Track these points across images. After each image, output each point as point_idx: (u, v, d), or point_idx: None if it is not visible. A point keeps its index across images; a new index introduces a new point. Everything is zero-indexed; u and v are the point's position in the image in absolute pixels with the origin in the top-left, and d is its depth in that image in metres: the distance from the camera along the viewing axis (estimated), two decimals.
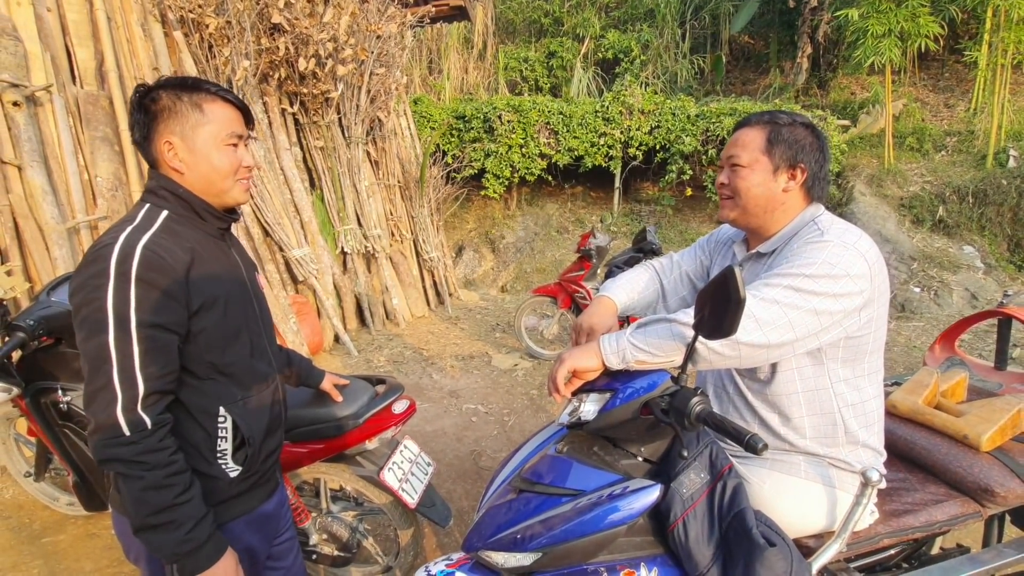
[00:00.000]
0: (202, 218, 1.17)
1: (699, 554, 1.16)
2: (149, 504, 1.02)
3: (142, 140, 1.13)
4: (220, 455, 1.17)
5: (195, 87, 1.13)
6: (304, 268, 4.57)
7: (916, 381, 1.59)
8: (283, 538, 1.43)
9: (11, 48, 2.99)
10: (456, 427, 3.54)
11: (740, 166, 1.29)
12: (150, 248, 1.03)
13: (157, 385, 1.03)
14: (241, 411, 1.18)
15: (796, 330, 1.12)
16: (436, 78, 10.66)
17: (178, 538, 1.04)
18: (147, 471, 1.01)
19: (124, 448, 1.00)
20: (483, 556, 1.29)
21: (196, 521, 1.06)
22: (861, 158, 7.99)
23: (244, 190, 1.21)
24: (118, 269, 1.00)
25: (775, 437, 1.32)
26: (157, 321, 1.02)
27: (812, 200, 1.30)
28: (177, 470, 1.05)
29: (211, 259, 1.15)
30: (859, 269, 1.13)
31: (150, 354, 1.01)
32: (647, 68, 10.26)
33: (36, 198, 3.01)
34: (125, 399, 0.99)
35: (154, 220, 1.10)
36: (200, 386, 1.13)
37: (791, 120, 1.27)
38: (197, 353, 1.11)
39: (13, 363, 1.94)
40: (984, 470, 1.31)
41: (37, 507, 2.51)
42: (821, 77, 9.58)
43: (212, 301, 1.12)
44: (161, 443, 1.03)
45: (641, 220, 8.47)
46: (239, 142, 1.17)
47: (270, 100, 4.64)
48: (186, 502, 1.05)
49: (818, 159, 1.26)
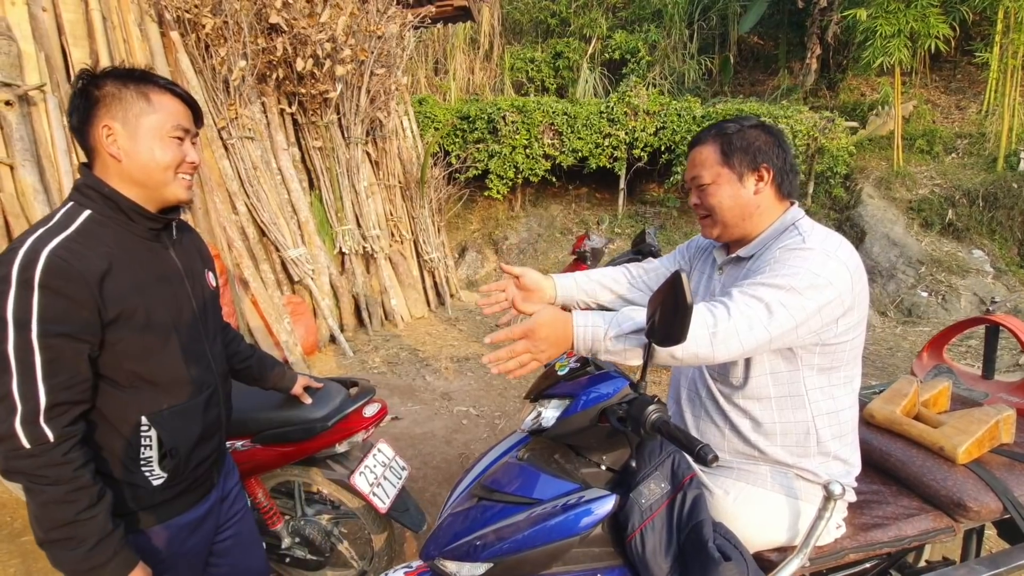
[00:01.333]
0: (130, 218, 1.11)
1: (656, 566, 1.13)
2: (50, 519, 0.99)
3: (79, 126, 1.08)
4: (144, 463, 1.12)
5: (143, 78, 1.10)
6: (300, 268, 4.58)
7: (895, 390, 1.54)
8: (225, 535, 1.39)
9: (4, 48, 3.01)
10: (446, 429, 3.51)
11: (705, 185, 1.29)
12: (57, 254, 0.97)
13: (63, 396, 0.98)
14: (166, 420, 1.13)
15: (772, 337, 1.10)
16: (442, 78, 10.67)
17: (79, 555, 1.00)
18: (47, 485, 0.97)
19: (25, 461, 0.96)
20: (438, 565, 1.27)
21: (99, 539, 1.01)
22: (870, 160, 7.86)
23: (185, 187, 1.16)
24: (20, 276, 0.94)
25: (745, 443, 1.28)
26: (62, 331, 0.97)
27: (784, 195, 1.29)
28: (81, 485, 0.99)
29: (135, 264, 1.09)
30: (839, 277, 1.12)
31: (54, 364, 0.97)
32: (654, 69, 10.18)
33: (27, 197, 3.03)
34: (25, 411, 0.95)
35: (72, 221, 1.04)
36: (120, 395, 1.08)
37: (739, 126, 1.27)
38: (114, 362, 1.06)
39: None
40: (958, 484, 1.26)
41: (19, 505, 2.53)
42: (830, 78, 9.45)
43: (132, 311, 1.06)
44: (65, 457, 0.98)
45: (645, 222, 8.40)
46: (185, 136, 1.14)
47: (268, 100, 4.65)
48: (89, 519, 1.00)
49: (778, 154, 1.26)
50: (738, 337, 1.08)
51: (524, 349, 1.10)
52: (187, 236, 1.31)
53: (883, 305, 6.44)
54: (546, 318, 1.10)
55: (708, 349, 1.08)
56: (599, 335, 1.10)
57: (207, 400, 1.24)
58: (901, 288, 6.36)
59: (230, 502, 1.42)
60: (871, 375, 4.48)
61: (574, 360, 1.35)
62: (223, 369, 1.35)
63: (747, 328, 1.08)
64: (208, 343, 1.27)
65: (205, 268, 1.33)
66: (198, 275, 1.28)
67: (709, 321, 1.08)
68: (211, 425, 1.26)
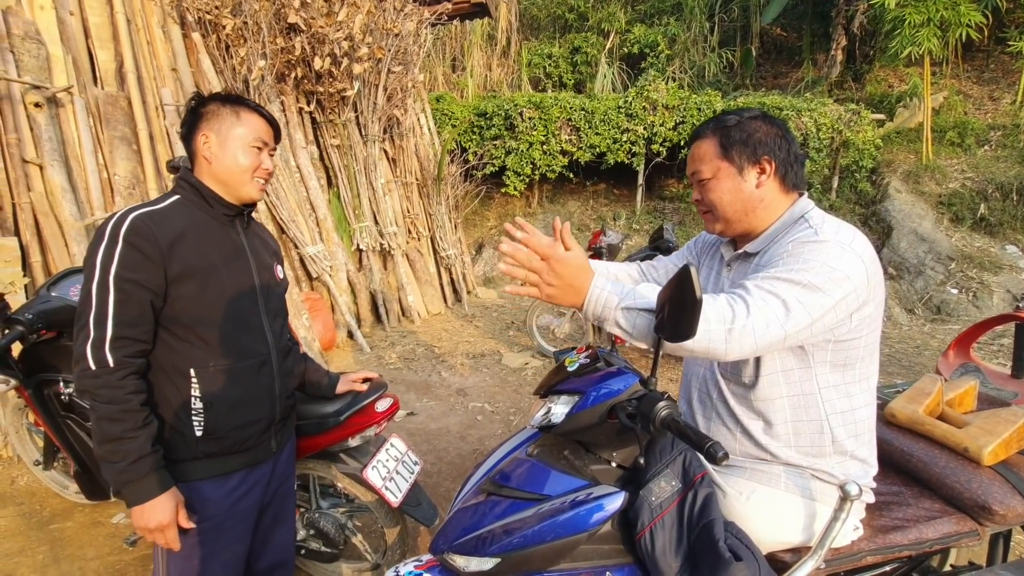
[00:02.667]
0: (209, 204, 1.34)
1: (665, 565, 1.11)
2: (102, 433, 1.17)
3: (187, 135, 1.34)
4: (195, 413, 1.29)
5: (238, 101, 1.36)
6: (318, 265, 4.63)
7: (918, 389, 1.49)
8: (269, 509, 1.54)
9: (33, 51, 3.10)
10: (461, 425, 3.52)
11: (705, 179, 1.25)
12: (140, 218, 1.21)
13: (126, 332, 1.18)
14: (208, 377, 1.29)
15: (788, 333, 1.06)
16: (460, 75, 10.68)
17: (120, 468, 1.18)
18: (103, 403, 1.16)
19: (89, 380, 1.16)
20: (447, 559, 1.27)
21: (138, 456, 1.19)
22: (897, 154, 7.65)
23: (259, 189, 1.38)
24: (111, 232, 1.18)
25: (756, 446, 1.25)
26: (133, 278, 1.17)
27: (789, 189, 1.24)
28: (130, 408, 1.18)
29: (204, 238, 1.30)
30: (855, 270, 1.08)
31: (123, 304, 1.17)
32: (673, 63, 10.05)
33: (56, 196, 3.12)
34: (95, 338, 1.15)
35: (164, 201, 1.30)
36: (176, 346, 1.26)
37: (739, 118, 1.23)
38: (173, 315, 1.24)
39: (13, 355, 2.01)
40: (983, 486, 1.21)
41: (48, 495, 2.61)
42: (856, 70, 9.21)
43: (191, 272, 1.25)
44: (121, 382, 1.17)
45: (664, 218, 8.31)
46: (264, 148, 1.37)
47: (287, 99, 4.71)
48: (132, 438, 1.18)
49: (781, 145, 1.21)
50: (754, 335, 1.04)
51: (538, 269, 1.03)
52: (259, 228, 1.54)
53: (911, 302, 6.27)
54: (573, 260, 1.04)
55: (722, 345, 1.04)
56: (612, 303, 1.06)
57: (257, 368, 1.39)
58: (930, 285, 6.18)
59: (281, 478, 1.56)
60: (897, 374, 4.36)
61: (584, 356, 1.34)
62: (282, 346, 1.48)
63: (764, 326, 1.05)
64: (268, 320, 1.43)
65: (275, 262, 1.52)
66: (266, 263, 1.47)
67: (727, 316, 1.04)
68: (260, 392, 1.40)
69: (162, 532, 1.23)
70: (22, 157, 3.05)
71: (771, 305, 1.06)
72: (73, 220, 3.16)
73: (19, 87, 3.06)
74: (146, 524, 1.21)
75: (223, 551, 1.39)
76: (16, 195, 3.03)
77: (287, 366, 1.51)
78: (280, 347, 1.47)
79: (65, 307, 2.00)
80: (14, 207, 3.04)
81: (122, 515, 2.19)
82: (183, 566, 1.34)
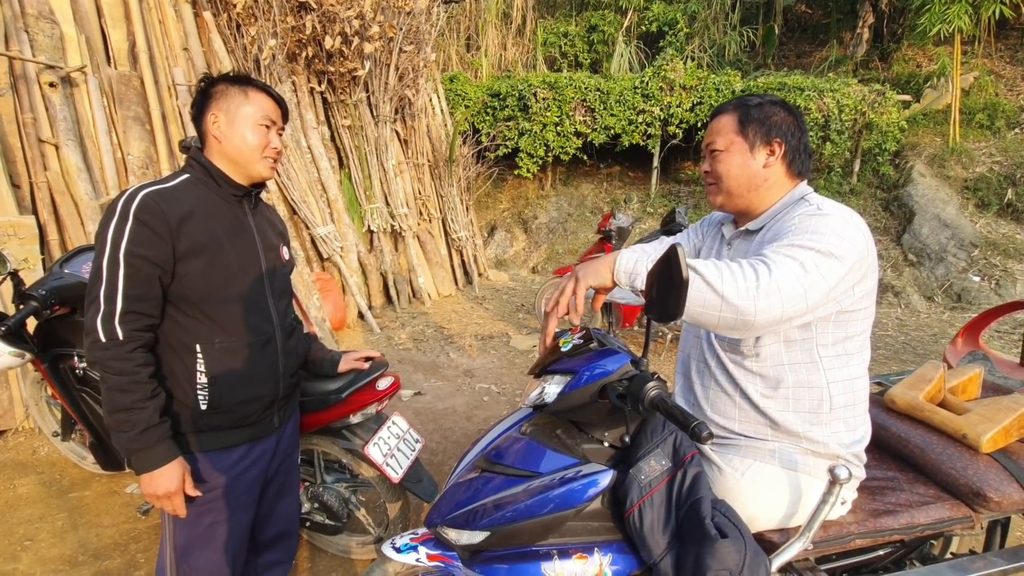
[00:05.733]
0: (217, 183, 1.37)
1: (653, 542, 1.13)
2: (112, 403, 1.21)
3: (197, 115, 1.37)
4: (200, 387, 1.33)
5: (246, 81, 1.38)
6: (329, 246, 4.67)
7: (919, 375, 1.47)
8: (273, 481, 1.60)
9: (48, 31, 3.13)
10: (467, 406, 3.56)
11: (718, 151, 1.31)
12: (151, 196, 1.23)
13: (135, 306, 1.21)
14: (213, 353, 1.33)
15: (808, 300, 1.06)
16: (474, 55, 10.55)
17: (129, 437, 1.22)
18: (113, 375, 1.20)
19: (99, 352, 1.19)
20: (440, 532, 1.31)
21: (147, 426, 1.23)
22: (923, 136, 7.42)
23: (269, 168, 1.40)
24: (122, 209, 1.21)
25: (756, 411, 1.26)
26: (142, 253, 1.20)
27: (794, 174, 1.30)
28: (139, 380, 1.22)
29: (212, 217, 1.33)
30: (859, 242, 1.12)
31: (133, 279, 1.20)
32: (693, 41, 9.81)
33: (71, 175, 3.17)
34: (105, 311, 1.19)
35: (174, 179, 1.32)
36: (183, 322, 1.30)
37: (761, 100, 1.30)
38: (181, 291, 1.28)
39: (28, 330, 2.07)
40: (979, 472, 1.19)
41: (67, 464, 2.70)
42: (883, 49, 8.90)
43: (199, 250, 1.27)
44: (130, 354, 1.21)
45: (679, 201, 8.19)
46: (272, 127, 1.39)
47: (298, 79, 4.71)
48: (141, 409, 1.22)
49: (794, 133, 1.27)
50: (780, 293, 1.03)
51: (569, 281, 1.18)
52: (266, 209, 1.56)
53: (930, 290, 6.13)
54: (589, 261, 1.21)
55: (750, 303, 1.01)
56: (642, 258, 1.15)
57: (261, 345, 1.42)
58: (951, 272, 6.03)
59: (285, 452, 1.61)
60: (912, 362, 4.29)
61: (578, 336, 1.34)
62: (286, 325, 1.52)
63: (788, 283, 1.04)
64: (273, 300, 1.46)
65: (281, 243, 1.55)
66: (272, 244, 1.49)
67: (751, 276, 1.04)
68: (264, 369, 1.44)
69: (169, 499, 1.29)
70: (38, 137, 3.10)
71: (790, 266, 1.07)
72: (88, 199, 3.22)
73: (34, 67, 3.10)
74: (154, 491, 1.27)
75: (227, 520, 1.43)
76: (33, 174, 3.10)
77: (291, 345, 1.55)
78: (285, 326, 1.51)
79: (78, 283, 2.05)
80: (31, 186, 3.11)
81: (135, 486, 2.27)
82: (188, 533, 1.39)
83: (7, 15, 3.03)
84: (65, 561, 2.12)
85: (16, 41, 3.06)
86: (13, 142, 3.06)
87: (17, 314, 1.92)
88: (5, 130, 3.03)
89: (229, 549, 1.45)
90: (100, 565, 2.11)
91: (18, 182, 3.06)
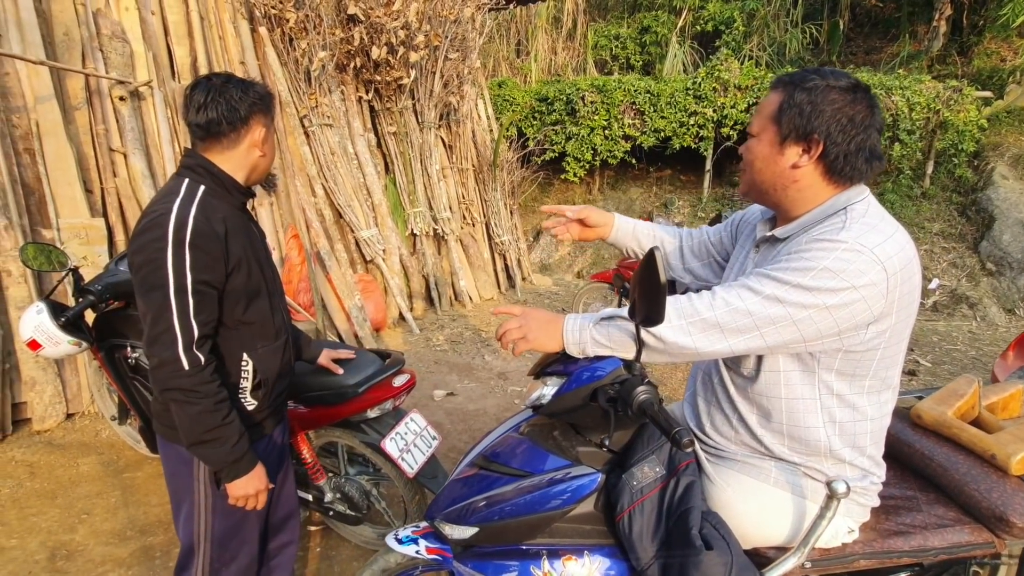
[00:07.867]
0: (228, 191, 1.38)
1: (641, 548, 1.12)
2: (204, 424, 1.26)
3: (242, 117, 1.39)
4: (240, 392, 1.42)
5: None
6: (371, 248, 4.82)
7: (950, 389, 1.36)
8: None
9: (119, 49, 3.43)
10: (498, 408, 3.58)
11: (751, 134, 1.14)
12: (198, 219, 1.25)
13: (205, 330, 1.27)
14: (259, 357, 1.43)
15: (766, 339, 1.03)
16: (523, 60, 10.62)
17: (226, 450, 1.30)
18: (202, 399, 1.25)
19: (184, 379, 1.23)
20: (437, 525, 1.34)
21: (239, 438, 1.32)
22: (1007, 136, 6.84)
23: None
24: (175, 236, 1.21)
25: (751, 436, 1.20)
26: (205, 278, 1.25)
27: (838, 180, 1.07)
28: (222, 398, 1.29)
29: (238, 228, 1.37)
30: (870, 279, 0.96)
31: (201, 305, 1.25)
32: (751, 40, 9.47)
33: (137, 181, 3.45)
34: (184, 340, 1.22)
35: (195, 194, 1.30)
36: (228, 334, 1.37)
37: (821, 83, 1.04)
38: (228, 307, 1.34)
39: (86, 322, 2.26)
40: (1005, 496, 1.09)
41: (124, 447, 2.93)
42: (962, 42, 8.27)
43: (239, 264, 1.34)
44: (212, 376, 1.27)
45: (732, 205, 7.92)
46: None
47: (347, 88, 4.91)
48: (231, 423, 1.30)
49: (847, 130, 1.03)
50: (721, 330, 1.03)
51: (515, 325, 1.18)
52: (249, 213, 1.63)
53: (1011, 302, 5.63)
54: (540, 312, 1.20)
55: (688, 339, 1.03)
56: (586, 325, 1.13)
57: (284, 343, 1.53)
58: None
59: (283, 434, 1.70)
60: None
61: None
62: (290, 319, 1.64)
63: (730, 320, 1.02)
64: (280, 297, 1.57)
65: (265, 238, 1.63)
66: (267, 245, 1.57)
67: (688, 310, 1.03)
68: (286, 364, 1.55)
69: (256, 497, 1.38)
70: (109, 146, 3.39)
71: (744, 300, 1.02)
72: None
73: (106, 82, 3.40)
74: (246, 492, 1.35)
75: None
76: (104, 180, 3.39)
77: (293, 336, 1.71)
78: (290, 322, 1.63)
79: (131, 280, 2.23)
80: (102, 191, 3.40)
81: None
82: (225, 523, 1.46)
83: (84, 36, 3.35)
84: (115, 535, 2.30)
85: (92, 59, 3.37)
86: (87, 151, 3.36)
87: (76, 306, 2.11)
88: (81, 140, 3.34)
89: (256, 531, 1.55)
90: (145, 540, 2.27)
91: (91, 187, 3.36)
